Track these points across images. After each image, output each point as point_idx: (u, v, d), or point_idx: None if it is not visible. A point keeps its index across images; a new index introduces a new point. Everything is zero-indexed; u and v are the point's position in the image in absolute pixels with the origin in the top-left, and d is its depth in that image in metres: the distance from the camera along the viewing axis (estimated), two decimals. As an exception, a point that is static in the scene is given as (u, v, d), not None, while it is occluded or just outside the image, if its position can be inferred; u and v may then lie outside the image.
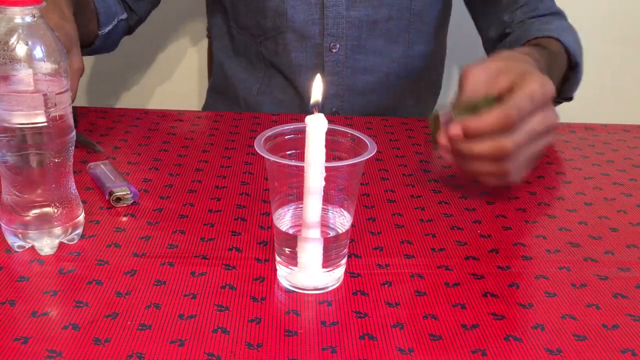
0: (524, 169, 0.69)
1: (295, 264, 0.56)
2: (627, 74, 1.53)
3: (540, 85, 0.67)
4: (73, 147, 0.60)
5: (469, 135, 0.65)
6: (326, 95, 1.03)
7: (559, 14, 1.03)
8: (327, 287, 0.57)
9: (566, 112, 1.52)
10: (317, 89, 0.55)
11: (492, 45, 1.06)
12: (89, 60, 1.45)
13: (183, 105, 1.54)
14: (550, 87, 0.68)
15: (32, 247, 0.60)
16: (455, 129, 0.65)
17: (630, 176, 0.82)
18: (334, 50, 1.01)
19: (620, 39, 1.49)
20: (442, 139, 0.67)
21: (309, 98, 0.55)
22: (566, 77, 0.94)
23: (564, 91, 0.96)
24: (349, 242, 0.59)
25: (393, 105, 1.08)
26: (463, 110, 0.67)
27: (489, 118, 0.64)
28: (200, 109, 1.26)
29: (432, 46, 1.09)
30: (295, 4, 0.99)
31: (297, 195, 0.56)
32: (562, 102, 1.01)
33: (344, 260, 0.58)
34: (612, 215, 0.72)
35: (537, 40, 0.92)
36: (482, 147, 0.65)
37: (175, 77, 1.57)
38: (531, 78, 0.67)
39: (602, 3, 1.46)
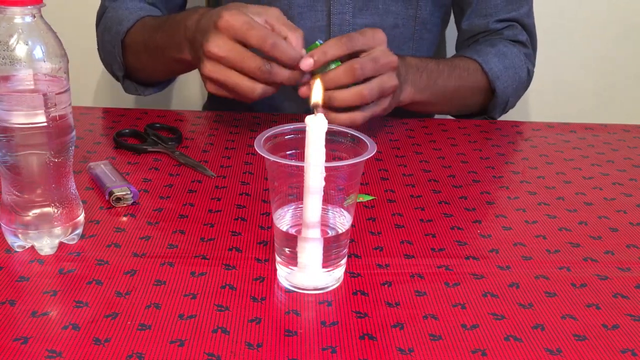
0: (363, 120, 0.80)
1: (295, 264, 0.56)
2: (627, 74, 1.53)
3: (382, 53, 0.79)
4: (73, 147, 0.60)
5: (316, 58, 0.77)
6: None
7: (518, 42, 1.05)
8: (327, 287, 0.57)
9: (566, 112, 1.52)
10: (317, 91, 0.55)
11: (458, 47, 1.12)
12: (88, 60, 1.45)
13: (183, 105, 1.54)
14: (392, 59, 0.80)
15: (32, 247, 0.60)
16: (306, 63, 0.77)
17: (630, 176, 0.82)
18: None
19: (620, 39, 1.49)
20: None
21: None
22: (490, 98, 1.03)
23: (488, 110, 1.04)
24: (349, 242, 0.59)
25: (396, 109, 1.09)
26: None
27: (340, 68, 0.77)
28: (200, 109, 1.26)
29: (433, 53, 1.10)
30: (302, 11, 0.99)
31: (297, 195, 0.56)
32: (487, 118, 1.05)
33: (344, 260, 0.58)
34: (612, 215, 0.72)
35: (459, 56, 1.02)
36: (345, 94, 0.77)
37: (176, 78, 1.57)
38: (379, 50, 0.79)
39: (602, 3, 1.46)
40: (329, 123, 0.76)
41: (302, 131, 0.54)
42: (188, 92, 1.56)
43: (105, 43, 1.00)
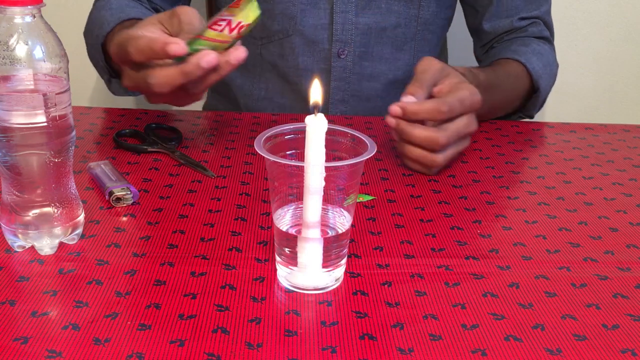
0: (445, 163, 0.78)
1: (295, 264, 0.56)
2: (627, 74, 1.53)
3: (470, 94, 0.78)
4: (73, 147, 0.60)
5: (405, 116, 0.76)
6: (332, 101, 1.04)
7: (544, 39, 1.06)
8: (327, 287, 0.57)
9: (566, 112, 1.52)
10: (316, 91, 0.55)
11: (479, 54, 1.12)
12: (88, 60, 1.45)
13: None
14: (478, 98, 0.79)
15: (32, 247, 0.60)
16: (395, 109, 0.76)
17: (630, 176, 0.82)
18: (342, 57, 1.02)
19: (620, 39, 1.49)
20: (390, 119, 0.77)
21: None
22: (529, 96, 1.03)
23: (526, 109, 1.04)
24: (349, 242, 0.59)
25: None
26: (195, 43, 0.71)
27: (425, 105, 0.76)
28: (200, 109, 1.26)
29: (435, 55, 1.10)
30: (305, 8, 0.99)
31: (297, 195, 0.56)
32: (523, 118, 1.06)
33: (344, 260, 0.58)
34: (612, 215, 0.72)
35: (504, 61, 1.00)
36: (420, 132, 0.75)
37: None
38: (465, 87, 0.79)
39: (602, 3, 1.46)
40: (405, 155, 0.78)
41: (302, 131, 0.54)
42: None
43: (89, 46, 0.98)
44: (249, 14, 0.70)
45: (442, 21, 1.07)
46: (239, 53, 0.71)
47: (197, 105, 1.49)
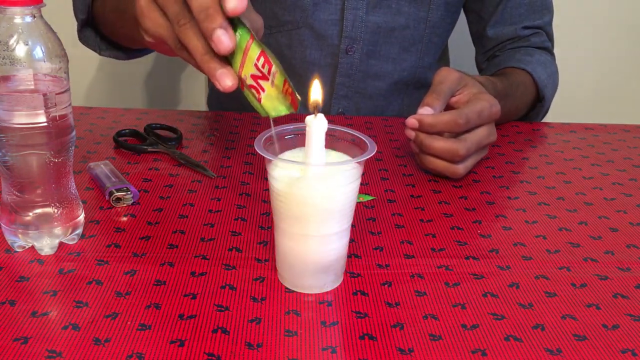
0: (465, 172, 0.78)
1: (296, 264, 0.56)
2: (627, 74, 1.53)
3: (489, 105, 0.78)
4: (73, 147, 0.60)
5: (422, 128, 0.75)
6: (335, 96, 1.05)
7: (545, 49, 1.08)
8: (327, 287, 0.57)
9: (566, 112, 1.53)
10: (316, 92, 0.55)
11: (481, 60, 1.13)
12: (88, 60, 1.45)
13: (184, 105, 1.54)
14: (497, 109, 0.79)
15: (32, 247, 0.60)
16: (412, 121, 0.76)
17: (630, 176, 0.82)
18: (349, 53, 1.02)
19: (620, 38, 1.49)
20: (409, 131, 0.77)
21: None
22: (534, 105, 1.04)
23: (529, 118, 1.06)
24: (349, 242, 0.59)
25: (398, 111, 1.10)
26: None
27: (442, 117, 0.75)
28: (202, 107, 1.26)
29: (439, 58, 1.11)
30: (317, 2, 0.99)
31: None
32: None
33: (344, 261, 0.58)
34: (612, 215, 0.72)
35: (511, 70, 1.01)
36: (439, 144, 0.75)
37: (179, 73, 1.58)
38: (484, 98, 0.79)
39: (602, 3, 1.46)
40: (426, 166, 0.77)
41: (302, 131, 0.54)
42: (189, 92, 1.56)
43: None
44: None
45: (447, 25, 1.08)
46: (224, 79, 0.59)
47: (199, 105, 1.49)
